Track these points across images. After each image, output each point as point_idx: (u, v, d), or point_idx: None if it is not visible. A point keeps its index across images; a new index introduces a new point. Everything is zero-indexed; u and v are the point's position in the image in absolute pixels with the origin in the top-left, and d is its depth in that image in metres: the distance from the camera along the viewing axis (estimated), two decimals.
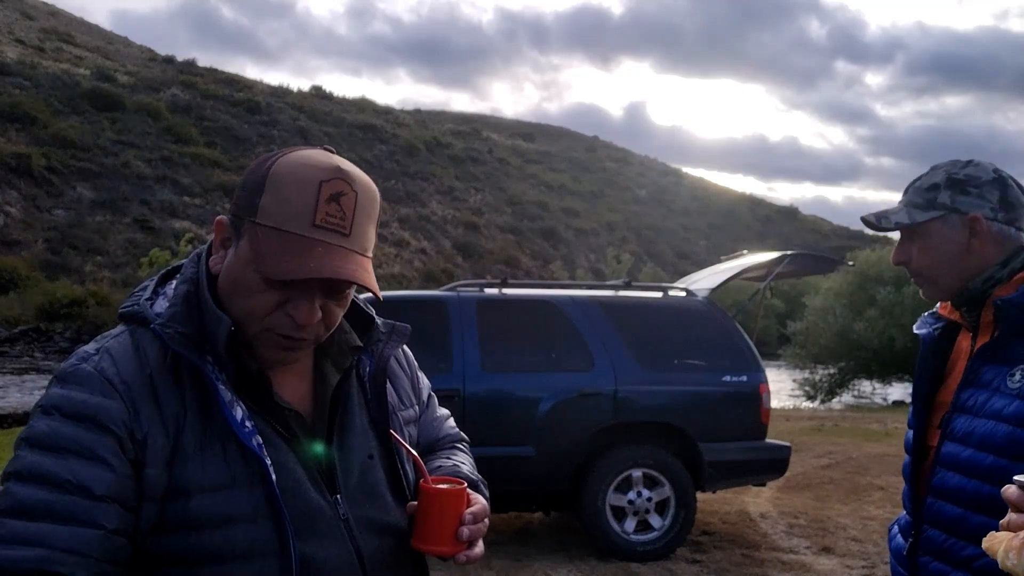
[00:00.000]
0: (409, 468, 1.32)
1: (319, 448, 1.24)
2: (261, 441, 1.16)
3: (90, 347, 1.18)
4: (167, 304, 1.20)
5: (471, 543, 1.23)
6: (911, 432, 1.83)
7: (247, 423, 1.15)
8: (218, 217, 1.22)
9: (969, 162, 1.72)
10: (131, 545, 1.11)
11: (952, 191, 1.70)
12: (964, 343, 1.77)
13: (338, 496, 1.22)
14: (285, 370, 1.24)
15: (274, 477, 1.14)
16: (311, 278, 1.13)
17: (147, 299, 1.22)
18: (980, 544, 1.56)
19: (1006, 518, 1.22)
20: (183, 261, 1.28)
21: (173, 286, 1.24)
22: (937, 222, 1.71)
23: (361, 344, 1.33)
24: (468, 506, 1.24)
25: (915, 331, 1.93)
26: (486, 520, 1.26)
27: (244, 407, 1.16)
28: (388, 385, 1.36)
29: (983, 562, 1.56)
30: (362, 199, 1.18)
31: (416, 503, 1.24)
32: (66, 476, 1.07)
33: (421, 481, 1.23)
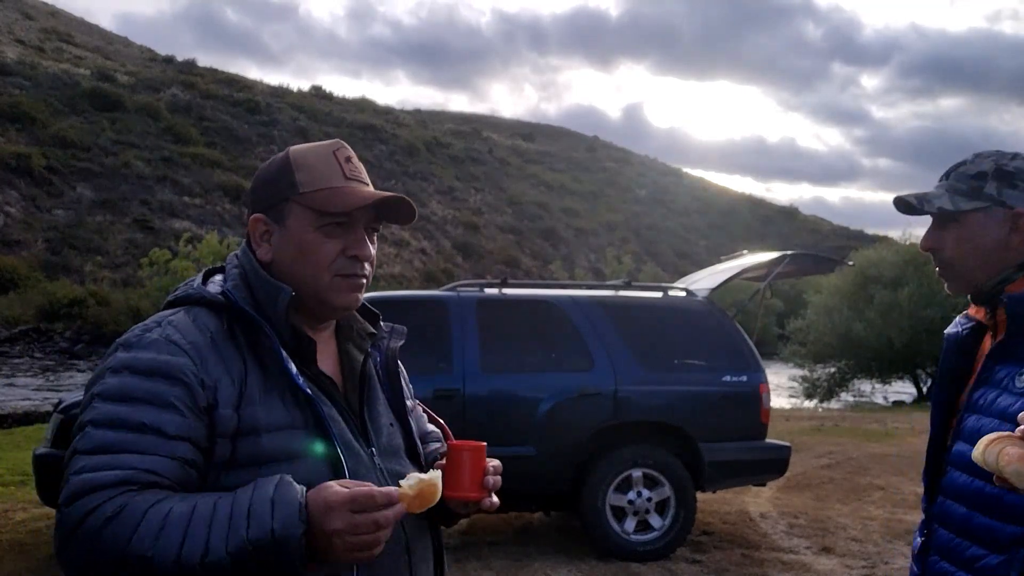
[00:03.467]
0: (417, 440, 1.55)
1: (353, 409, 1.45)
2: (314, 391, 1.35)
3: (149, 322, 1.35)
4: (225, 285, 1.40)
5: (491, 492, 1.43)
6: (930, 431, 1.81)
7: (300, 377, 1.34)
8: (253, 216, 1.43)
9: (1017, 155, 1.67)
10: (201, 481, 1.26)
11: (1000, 183, 1.63)
12: (987, 343, 1.74)
13: (372, 449, 1.42)
14: (320, 349, 1.43)
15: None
16: (361, 213, 1.39)
17: (197, 286, 1.41)
18: (983, 545, 1.56)
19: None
20: (217, 266, 1.50)
21: (220, 279, 1.44)
22: (979, 213, 1.64)
23: (374, 331, 1.56)
24: None
25: (945, 333, 1.88)
26: (499, 475, 1.46)
27: (296, 366, 1.35)
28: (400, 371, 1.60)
29: (985, 563, 1.56)
30: (357, 157, 1.48)
31: (444, 461, 1.42)
32: (140, 419, 1.22)
33: (450, 441, 1.49)
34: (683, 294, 6.60)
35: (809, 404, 20.49)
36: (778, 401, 18.50)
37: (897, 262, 20.81)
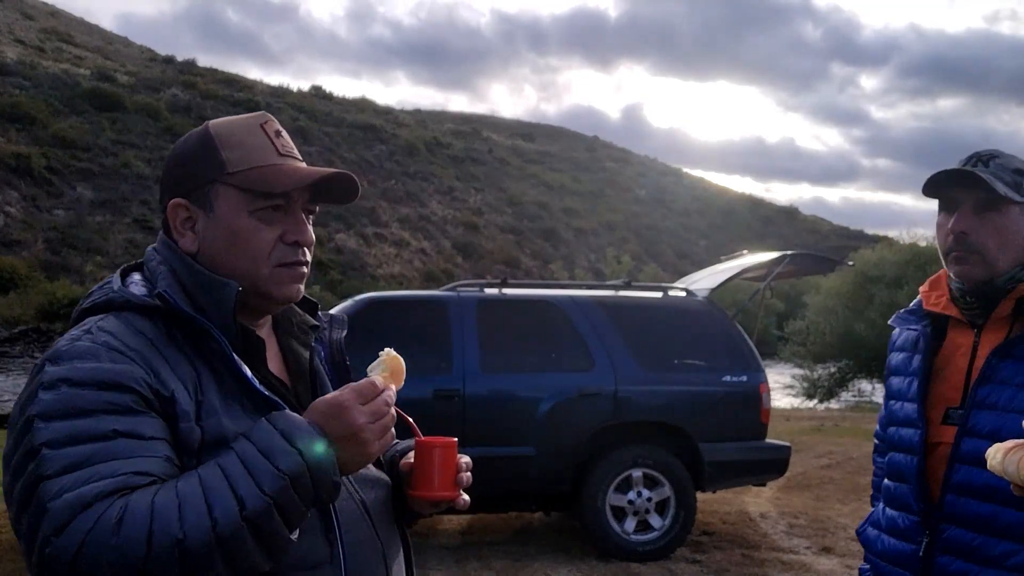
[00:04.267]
0: None
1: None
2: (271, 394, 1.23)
3: (74, 332, 1.16)
4: (150, 286, 1.24)
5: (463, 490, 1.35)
6: (908, 430, 1.77)
7: (255, 379, 1.21)
8: (172, 201, 1.27)
9: None
10: None
11: None
12: (961, 339, 1.75)
13: None
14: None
15: None
16: (298, 195, 1.26)
17: (118, 288, 1.24)
18: (1014, 540, 1.55)
19: None
20: (131, 263, 1.33)
21: (140, 278, 1.27)
22: (1017, 207, 1.67)
23: (317, 323, 1.42)
24: None
25: (893, 326, 1.90)
26: (471, 472, 1.37)
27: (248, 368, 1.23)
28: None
29: (1016, 560, 1.55)
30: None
31: (412, 459, 1.34)
32: (110, 427, 1.07)
33: (419, 438, 1.35)
34: (683, 294, 6.61)
35: (809, 404, 20.49)
36: (778, 401, 18.50)
37: (897, 262, 20.82)
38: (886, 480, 1.85)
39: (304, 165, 1.29)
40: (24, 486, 1.04)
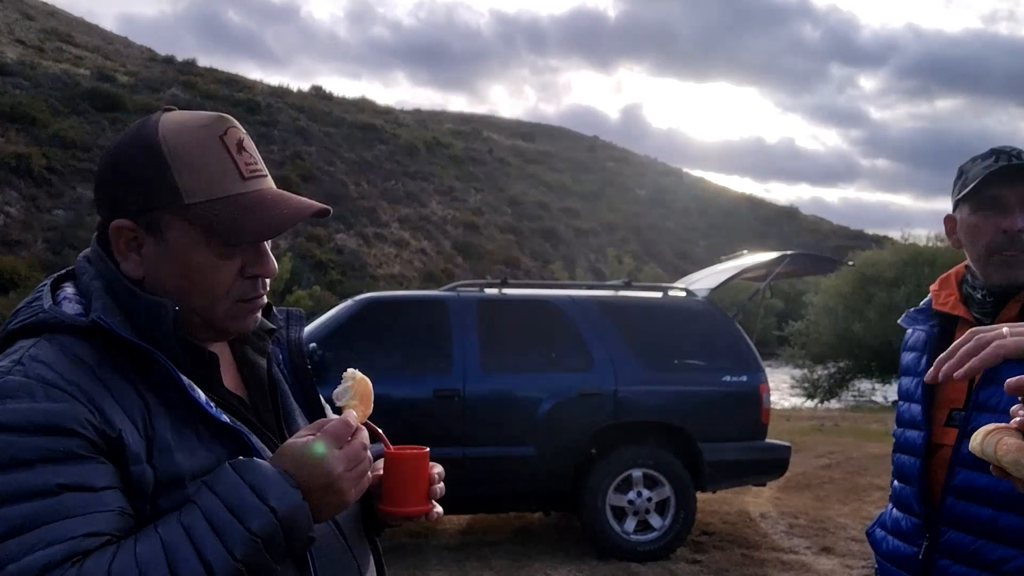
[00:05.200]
0: None
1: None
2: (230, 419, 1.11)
3: (2, 364, 1.00)
4: (84, 304, 1.09)
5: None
6: (913, 432, 1.76)
7: (210, 404, 1.09)
8: (115, 222, 1.10)
9: None
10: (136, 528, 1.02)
11: None
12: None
13: None
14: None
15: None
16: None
17: (48, 307, 1.07)
18: (1011, 545, 1.54)
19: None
20: (62, 272, 1.18)
21: (73, 292, 1.12)
22: None
23: (273, 327, 1.29)
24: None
25: (903, 325, 1.87)
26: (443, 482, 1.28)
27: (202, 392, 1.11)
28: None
29: (1014, 564, 1.53)
30: (247, 134, 1.16)
31: (381, 472, 1.22)
32: (56, 481, 0.94)
33: (388, 450, 1.23)
34: (683, 294, 6.61)
35: (809, 404, 20.49)
36: (778, 401, 18.50)
37: (896, 262, 20.82)
38: (894, 481, 1.85)
39: (270, 186, 1.14)
40: None
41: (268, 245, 1.16)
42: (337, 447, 1.06)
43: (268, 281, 1.17)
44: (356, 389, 1.20)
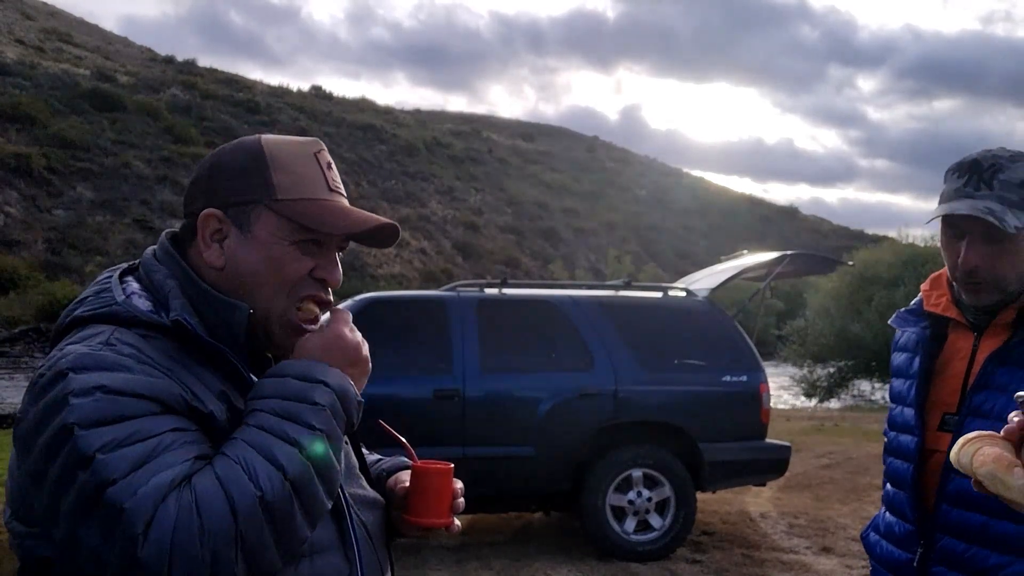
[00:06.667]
0: (364, 455, 1.39)
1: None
2: None
3: (89, 344, 1.07)
4: (152, 298, 1.16)
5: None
6: (906, 437, 1.74)
7: None
8: (206, 211, 1.18)
9: None
10: None
11: None
12: (961, 342, 1.71)
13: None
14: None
15: None
16: (336, 235, 1.21)
17: (122, 300, 1.14)
18: (1005, 552, 1.53)
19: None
20: (132, 263, 1.25)
21: (138, 287, 1.18)
22: None
23: None
24: None
25: (895, 326, 1.84)
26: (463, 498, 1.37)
27: None
28: None
29: (1010, 571, 1.52)
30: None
31: (408, 484, 1.31)
32: (162, 427, 1.03)
33: (415, 463, 1.32)
34: (683, 294, 6.61)
35: (809, 404, 20.49)
36: (778, 401, 18.50)
37: (895, 263, 20.84)
38: (886, 484, 1.83)
39: (350, 207, 1.24)
40: (80, 498, 0.97)
41: (339, 258, 1.26)
42: (348, 326, 1.20)
43: (331, 294, 1.25)
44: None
